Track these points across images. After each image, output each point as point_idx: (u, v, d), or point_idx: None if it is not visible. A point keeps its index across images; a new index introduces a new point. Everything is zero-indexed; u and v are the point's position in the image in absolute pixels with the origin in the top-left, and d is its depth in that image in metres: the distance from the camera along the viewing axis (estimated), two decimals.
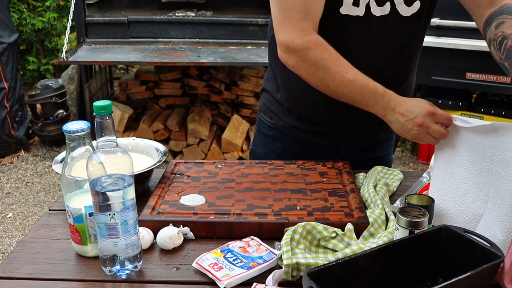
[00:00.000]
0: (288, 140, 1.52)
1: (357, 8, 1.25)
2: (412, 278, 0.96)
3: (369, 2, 1.25)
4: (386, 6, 1.27)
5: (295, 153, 1.51)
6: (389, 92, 1.21)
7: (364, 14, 1.26)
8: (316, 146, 1.50)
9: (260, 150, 1.59)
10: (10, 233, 3.18)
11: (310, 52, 1.22)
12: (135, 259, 1.01)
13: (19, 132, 4.19)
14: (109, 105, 0.95)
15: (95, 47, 3.86)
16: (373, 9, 1.26)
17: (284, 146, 1.53)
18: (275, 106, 1.50)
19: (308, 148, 1.51)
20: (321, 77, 1.23)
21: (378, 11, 1.27)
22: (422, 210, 1.00)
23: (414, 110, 1.19)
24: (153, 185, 1.38)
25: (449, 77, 3.48)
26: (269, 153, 1.55)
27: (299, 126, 1.48)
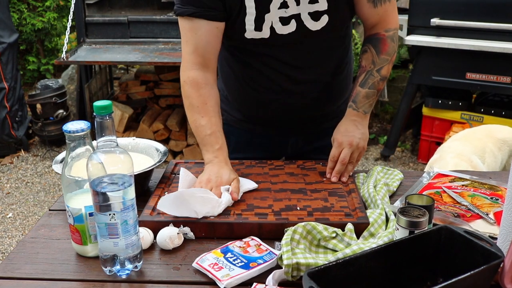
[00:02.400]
0: (239, 133, 1.58)
1: (260, 32, 1.32)
2: (412, 278, 0.96)
3: (272, 24, 1.31)
4: (291, 24, 1.32)
5: (247, 145, 1.57)
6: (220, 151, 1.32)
7: (269, 35, 1.33)
8: (266, 137, 1.56)
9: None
10: (10, 233, 3.18)
11: (184, 86, 1.36)
12: (135, 259, 1.01)
13: (19, 132, 4.18)
14: (109, 105, 0.95)
15: (95, 47, 3.86)
16: (278, 29, 1.32)
17: (236, 138, 1.59)
18: (224, 103, 1.54)
19: (258, 139, 1.59)
20: (186, 107, 1.37)
21: (284, 30, 1.33)
22: (422, 210, 1.00)
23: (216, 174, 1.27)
24: (153, 185, 1.38)
25: (449, 77, 3.48)
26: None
27: (246, 120, 1.56)
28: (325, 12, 1.31)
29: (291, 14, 1.31)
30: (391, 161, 4.00)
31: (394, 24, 1.42)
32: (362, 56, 1.42)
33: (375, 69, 1.39)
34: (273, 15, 1.30)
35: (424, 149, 3.85)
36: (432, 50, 3.44)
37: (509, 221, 0.97)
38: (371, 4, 1.35)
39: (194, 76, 1.34)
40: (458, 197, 1.26)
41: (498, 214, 1.15)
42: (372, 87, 1.39)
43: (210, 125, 1.33)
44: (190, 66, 1.34)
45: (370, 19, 1.39)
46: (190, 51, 1.34)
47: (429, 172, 1.43)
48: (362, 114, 1.39)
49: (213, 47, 1.34)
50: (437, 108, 3.65)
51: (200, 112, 1.34)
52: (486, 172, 1.55)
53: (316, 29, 1.33)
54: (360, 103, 1.39)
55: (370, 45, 1.40)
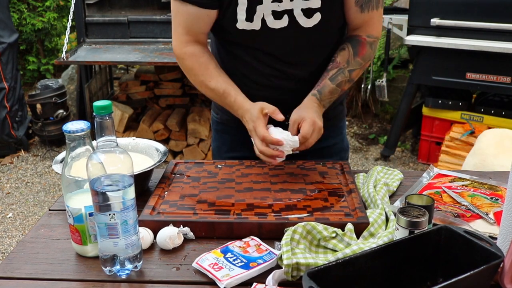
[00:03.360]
0: (235, 131, 1.57)
1: (251, 23, 1.33)
2: (412, 278, 0.96)
3: (264, 17, 1.32)
4: (284, 19, 1.33)
5: (243, 144, 1.54)
6: (239, 101, 1.38)
7: (260, 28, 1.34)
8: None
9: (214, 144, 1.69)
10: (10, 233, 3.18)
11: (184, 61, 1.42)
12: (135, 259, 1.01)
13: (19, 132, 4.18)
14: (109, 105, 0.95)
15: (95, 47, 3.86)
16: (269, 22, 1.33)
17: (232, 137, 1.59)
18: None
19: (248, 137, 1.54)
20: (193, 81, 1.44)
21: (276, 24, 1.34)
22: (422, 210, 1.00)
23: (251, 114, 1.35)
24: (153, 185, 1.38)
25: (449, 77, 3.48)
26: (220, 146, 1.63)
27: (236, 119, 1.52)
28: (318, 10, 1.32)
29: (284, 9, 1.31)
30: (391, 161, 4.00)
31: (376, 32, 1.43)
32: (339, 52, 1.41)
33: (347, 69, 1.39)
34: (266, 7, 1.31)
35: (424, 149, 3.86)
36: (432, 50, 3.44)
37: (509, 221, 0.97)
38: (358, 8, 1.37)
39: (190, 51, 1.40)
40: (458, 197, 1.26)
41: (498, 214, 1.15)
42: (339, 85, 1.39)
43: (220, 85, 1.39)
44: (186, 44, 1.40)
45: (354, 21, 1.41)
46: (183, 32, 1.39)
47: (429, 172, 1.43)
48: (322, 107, 1.38)
49: (205, 29, 1.40)
50: (437, 108, 3.65)
51: (206, 78, 1.40)
52: (486, 172, 1.55)
53: (308, 26, 1.34)
54: (324, 96, 1.38)
55: (349, 45, 1.41)
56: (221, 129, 1.50)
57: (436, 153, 3.74)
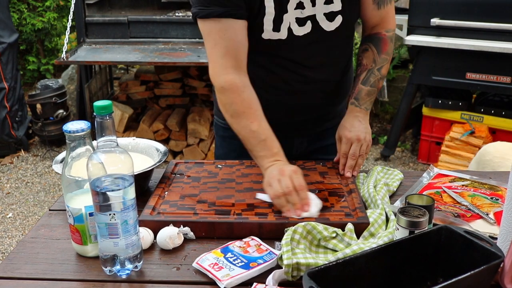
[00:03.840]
0: None
1: (278, 33, 1.31)
2: (412, 278, 0.96)
3: (290, 26, 1.31)
4: (307, 25, 1.33)
5: None
6: (279, 154, 1.28)
7: (286, 37, 1.32)
8: None
9: (220, 151, 1.64)
10: (10, 233, 3.18)
11: (225, 92, 1.29)
12: (135, 259, 1.01)
13: (19, 132, 4.18)
14: (109, 105, 0.95)
15: (95, 47, 3.86)
16: (295, 30, 1.32)
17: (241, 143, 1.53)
18: None
19: None
20: (230, 115, 1.31)
21: (300, 31, 1.33)
22: (422, 210, 1.00)
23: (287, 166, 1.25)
24: (153, 185, 1.38)
25: (449, 77, 3.48)
26: (228, 153, 1.59)
27: None
28: (339, 13, 1.33)
29: (307, 15, 1.31)
30: (391, 161, 4.00)
31: (393, 25, 1.45)
32: (363, 54, 1.44)
33: (376, 68, 1.41)
34: (290, 15, 1.30)
35: (424, 149, 3.85)
36: (432, 50, 3.44)
37: (509, 221, 0.97)
38: (375, 5, 1.38)
39: (232, 80, 1.28)
40: (458, 197, 1.26)
41: (498, 214, 1.15)
42: (373, 85, 1.41)
43: (262, 130, 1.28)
44: (225, 71, 1.28)
45: (372, 20, 1.42)
46: (221, 54, 1.27)
47: (429, 172, 1.43)
48: (364, 110, 1.42)
49: (244, 46, 1.29)
50: (437, 108, 3.65)
51: (248, 118, 1.28)
52: (486, 172, 1.55)
53: (331, 29, 1.35)
54: (362, 100, 1.41)
55: (371, 44, 1.43)
56: (229, 135, 1.44)
57: (436, 153, 3.74)
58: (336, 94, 1.53)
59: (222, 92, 1.30)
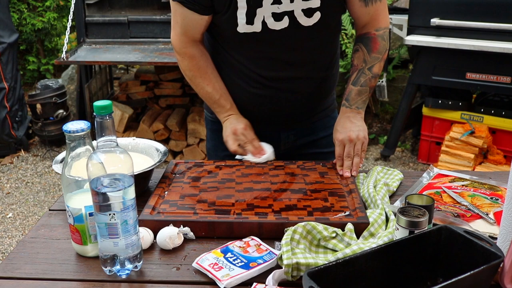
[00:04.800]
0: None
1: (252, 26, 1.35)
2: (412, 278, 0.96)
3: (264, 19, 1.33)
4: (284, 20, 1.34)
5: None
6: (232, 109, 1.50)
7: (261, 30, 1.35)
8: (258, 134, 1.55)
9: (210, 144, 1.70)
10: (10, 233, 3.18)
11: (183, 61, 1.49)
12: (135, 259, 1.01)
13: (19, 132, 4.18)
14: (109, 105, 0.95)
15: (95, 47, 3.86)
16: (270, 24, 1.35)
17: None
18: None
19: None
20: (189, 79, 1.51)
21: (276, 26, 1.35)
22: (422, 210, 1.00)
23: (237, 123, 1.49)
24: (153, 185, 1.38)
25: (449, 77, 3.48)
26: (218, 145, 1.62)
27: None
28: (318, 9, 1.33)
29: (284, 10, 1.32)
30: (391, 161, 4.00)
31: (384, 23, 1.44)
32: (354, 55, 1.45)
33: (366, 68, 1.42)
34: (266, 10, 1.32)
35: (424, 149, 3.85)
36: (432, 50, 3.44)
37: (509, 221, 0.97)
38: (362, 3, 1.38)
39: (189, 52, 1.46)
40: (458, 197, 1.26)
41: (498, 214, 1.15)
42: (364, 85, 1.42)
43: (216, 91, 1.48)
44: (184, 44, 1.45)
45: (361, 18, 1.42)
46: (181, 32, 1.44)
47: (429, 172, 1.43)
48: (355, 110, 1.43)
49: (200, 31, 1.43)
50: (437, 108, 3.65)
51: (203, 81, 1.47)
52: (486, 172, 1.55)
53: (308, 24, 1.35)
54: (352, 101, 1.43)
55: (361, 44, 1.44)
56: (217, 128, 1.53)
57: (436, 153, 3.74)
58: (320, 91, 1.53)
59: (181, 60, 1.49)
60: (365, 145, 1.41)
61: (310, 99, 1.53)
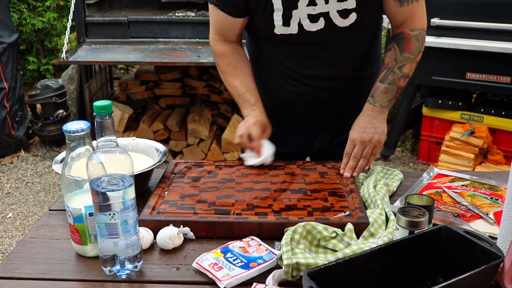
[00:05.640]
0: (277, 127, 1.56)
1: (288, 27, 1.36)
2: (412, 278, 0.96)
3: (300, 21, 1.34)
4: (320, 21, 1.35)
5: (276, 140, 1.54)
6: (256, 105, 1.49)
7: (298, 31, 1.37)
8: (294, 131, 1.57)
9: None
10: (10, 233, 3.18)
11: (217, 57, 1.54)
12: (135, 259, 1.01)
13: (19, 132, 4.18)
14: (109, 105, 0.95)
15: (95, 47, 3.86)
16: (306, 25, 1.36)
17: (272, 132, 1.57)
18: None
19: (286, 133, 1.61)
20: (221, 74, 1.55)
21: (313, 27, 1.36)
22: (422, 210, 1.00)
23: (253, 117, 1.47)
24: (153, 185, 1.38)
25: (449, 77, 3.48)
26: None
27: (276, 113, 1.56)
28: (353, 10, 1.33)
29: (319, 12, 1.33)
30: (391, 161, 4.00)
31: (420, 24, 1.45)
32: (386, 54, 1.44)
33: (396, 66, 1.40)
34: (301, 11, 1.33)
35: (424, 149, 3.85)
36: (432, 50, 3.43)
37: (509, 221, 0.97)
38: (397, 2, 1.38)
39: (222, 49, 1.51)
40: (458, 197, 1.26)
41: (498, 214, 1.15)
42: (391, 83, 1.40)
43: (243, 85, 1.49)
44: (217, 42, 1.51)
45: (396, 18, 1.42)
46: (215, 31, 1.50)
47: (429, 172, 1.43)
48: (378, 108, 1.40)
49: (234, 33, 1.48)
50: (437, 108, 3.65)
51: (232, 76, 1.50)
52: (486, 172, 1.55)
53: (344, 25, 1.36)
54: (377, 98, 1.40)
55: (394, 43, 1.43)
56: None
57: (436, 153, 3.74)
58: (359, 89, 1.52)
59: (215, 56, 1.54)
60: (377, 149, 1.39)
61: (348, 98, 1.52)
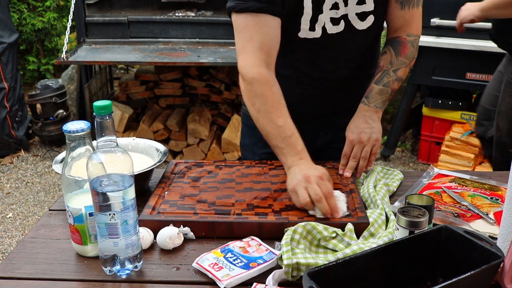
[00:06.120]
0: None
1: (313, 32, 1.36)
2: (412, 278, 0.96)
3: (324, 25, 1.35)
4: (341, 24, 1.36)
5: None
6: (304, 152, 1.26)
7: (321, 35, 1.37)
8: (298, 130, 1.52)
9: (248, 140, 1.67)
10: (10, 233, 3.18)
11: (256, 84, 1.28)
12: (135, 259, 1.01)
13: (19, 132, 4.18)
14: (109, 105, 0.95)
15: (95, 47, 3.86)
16: (329, 29, 1.36)
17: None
18: None
19: None
20: (257, 109, 1.29)
21: (334, 30, 1.36)
22: (422, 210, 1.00)
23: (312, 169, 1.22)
24: (153, 185, 1.38)
25: (449, 77, 3.48)
26: (255, 142, 1.60)
27: None
28: (371, 13, 1.35)
29: (341, 14, 1.34)
30: (391, 161, 4.00)
31: (416, 30, 1.47)
32: (381, 57, 1.46)
33: (391, 69, 1.42)
34: (325, 15, 1.34)
35: (424, 149, 3.85)
36: (432, 50, 3.44)
37: (509, 221, 0.97)
38: (398, 4, 1.40)
39: (264, 74, 1.29)
40: (458, 197, 1.26)
41: (498, 214, 1.15)
42: (386, 85, 1.41)
43: (289, 126, 1.27)
44: (259, 63, 1.28)
45: (395, 21, 1.44)
46: (257, 47, 1.29)
47: (429, 172, 1.43)
48: (373, 108, 1.42)
49: (277, 43, 1.32)
50: (437, 108, 3.65)
51: (275, 112, 1.27)
52: (486, 172, 1.55)
53: (362, 28, 1.38)
54: (372, 99, 1.42)
55: (390, 47, 1.45)
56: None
57: (436, 153, 3.74)
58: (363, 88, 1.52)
59: (254, 83, 1.29)
60: (376, 147, 1.39)
61: (354, 97, 1.53)
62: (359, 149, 1.37)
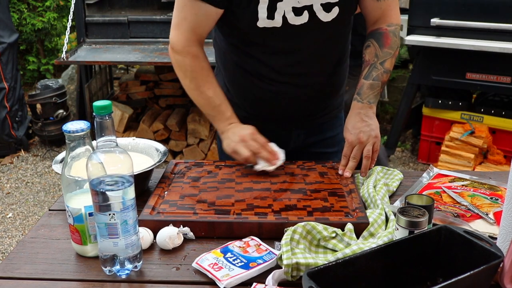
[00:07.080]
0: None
1: (272, 20, 1.32)
2: (412, 278, 0.96)
3: (285, 14, 1.32)
4: (304, 15, 1.33)
5: None
6: (233, 117, 1.43)
7: (281, 25, 1.33)
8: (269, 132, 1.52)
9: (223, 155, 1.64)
10: (10, 233, 3.18)
11: (186, 60, 1.41)
12: (135, 259, 1.01)
13: (19, 132, 4.18)
14: (109, 105, 0.95)
15: (95, 47, 3.86)
16: (290, 19, 1.33)
17: None
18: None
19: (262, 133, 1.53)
20: (188, 84, 1.43)
21: (297, 21, 1.34)
22: (422, 210, 1.00)
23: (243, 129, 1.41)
24: (153, 185, 1.38)
25: (449, 77, 3.48)
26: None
27: (249, 117, 1.54)
28: (336, 4, 1.33)
29: (304, 5, 1.32)
30: (391, 161, 4.00)
31: (396, 19, 1.44)
32: (365, 51, 1.44)
33: (378, 62, 1.41)
34: (286, 4, 1.31)
35: (424, 149, 3.85)
36: (432, 50, 3.44)
37: (509, 221, 0.97)
38: None
39: (195, 51, 1.40)
40: (458, 197, 1.26)
41: (498, 214, 1.15)
42: (376, 79, 1.40)
43: (217, 96, 1.42)
44: (190, 43, 1.39)
45: (372, 13, 1.42)
46: (188, 28, 1.37)
47: (429, 172, 1.43)
48: (367, 104, 1.41)
49: (209, 28, 1.39)
50: (437, 108, 3.65)
51: (205, 85, 1.41)
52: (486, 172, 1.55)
53: (327, 20, 1.35)
54: (364, 95, 1.41)
55: (373, 40, 1.43)
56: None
57: (436, 153, 3.74)
58: (332, 86, 1.54)
59: (184, 60, 1.41)
60: (377, 145, 1.39)
61: (322, 94, 1.53)
62: (360, 149, 1.37)
